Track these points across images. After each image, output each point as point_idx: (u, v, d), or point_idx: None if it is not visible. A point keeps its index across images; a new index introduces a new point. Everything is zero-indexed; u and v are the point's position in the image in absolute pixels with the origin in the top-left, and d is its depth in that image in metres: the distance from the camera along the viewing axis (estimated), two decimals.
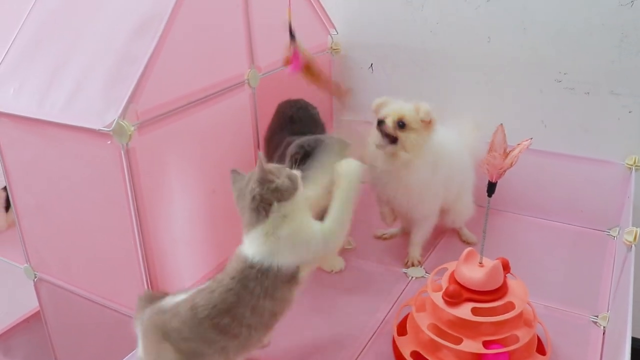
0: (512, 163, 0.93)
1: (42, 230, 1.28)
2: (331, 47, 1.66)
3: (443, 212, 1.36)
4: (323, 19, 1.59)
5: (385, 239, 1.45)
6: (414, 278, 1.29)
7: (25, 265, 1.34)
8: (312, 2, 1.53)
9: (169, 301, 0.95)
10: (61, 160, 1.14)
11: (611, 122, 1.39)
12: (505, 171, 0.94)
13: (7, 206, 1.58)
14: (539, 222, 1.49)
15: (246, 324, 0.89)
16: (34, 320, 1.81)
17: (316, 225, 0.93)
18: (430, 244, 1.40)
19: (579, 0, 1.33)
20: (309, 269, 0.95)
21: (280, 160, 1.24)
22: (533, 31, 1.40)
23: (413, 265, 1.32)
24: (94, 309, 1.24)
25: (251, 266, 0.90)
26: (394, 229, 1.45)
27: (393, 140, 1.20)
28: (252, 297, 0.89)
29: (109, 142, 1.01)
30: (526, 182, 1.48)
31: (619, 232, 1.39)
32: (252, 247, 0.91)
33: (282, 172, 0.92)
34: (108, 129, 0.99)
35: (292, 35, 1.21)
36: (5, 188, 1.56)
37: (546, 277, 1.26)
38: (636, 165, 1.37)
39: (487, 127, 1.10)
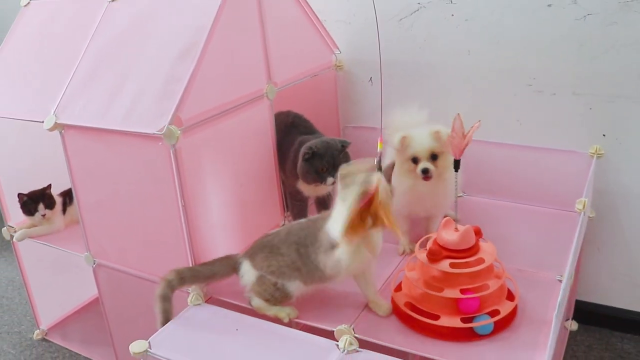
0: (468, 142, 1.18)
1: (101, 223, 1.54)
2: (335, 65, 1.92)
3: None
4: (328, 41, 1.86)
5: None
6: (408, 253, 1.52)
7: (86, 253, 1.60)
8: (318, 26, 1.80)
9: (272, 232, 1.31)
10: (120, 161, 1.40)
11: (575, 118, 1.63)
12: (464, 149, 1.19)
13: (64, 209, 1.86)
14: (516, 205, 1.70)
15: (310, 262, 1.22)
16: (85, 311, 2.08)
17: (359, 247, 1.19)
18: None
19: (543, 17, 1.59)
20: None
21: (295, 157, 1.51)
22: (505, 44, 1.66)
23: None
24: (146, 286, 1.49)
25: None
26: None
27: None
28: (318, 248, 1.21)
29: (160, 143, 1.27)
30: (504, 171, 1.71)
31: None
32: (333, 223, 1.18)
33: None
34: (160, 133, 1.25)
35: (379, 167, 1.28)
36: (61, 193, 1.85)
37: (520, 247, 1.47)
38: (597, 154, 1.61)
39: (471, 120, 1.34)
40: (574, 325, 1.79)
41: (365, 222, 1.13)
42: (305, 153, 1.45)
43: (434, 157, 1.40)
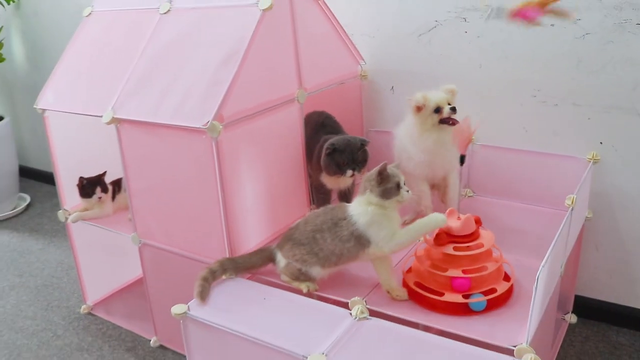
0: (471, 135, 1.37)
1: (148, 207, 1.75)
2: (360, 74, 2.11)
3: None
4: (354, 52, 2.05)
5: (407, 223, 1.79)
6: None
7: (133, 234, 1.82)
8: (345, 39, 1.99)
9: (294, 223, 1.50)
10: (167, 152, 1.61)
11: (575, 127, 1.79)
12: (469, 143, 1.38)
13: (113, 196, 2.07)
14: (519, 205, 1.85)
15: (326, 247, 1.40)
16: (126, 290, 2.29)
17: (397, 227, 1.39)
18: None
19: (546, 35, 1.76)
20: (373, 252, 1.40)
21: (320, 153, 1.71)
22: (513, 59, 1.83)
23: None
24: (185, 263, 1.70)
25: (345, 217, 1.39)
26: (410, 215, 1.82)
27: (455, 121, 1.58)
28: (334, 234, 1.39)
29: (204, 136, 1.48)
30: (510, 174, 1.87)
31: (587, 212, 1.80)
32: (354, 208, 1.39)
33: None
34: (205, 127, 1.46)
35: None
36: (111, 182, 2.06)
37: (521, 241, 1.62)
38: (594, 159, 1.76)
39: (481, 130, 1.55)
40: (573, 319, 1.94)
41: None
42: (327, 148, 1.65)
43: (452, 109, 1.61)
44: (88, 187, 1.97)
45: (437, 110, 1.61)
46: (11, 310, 2.23)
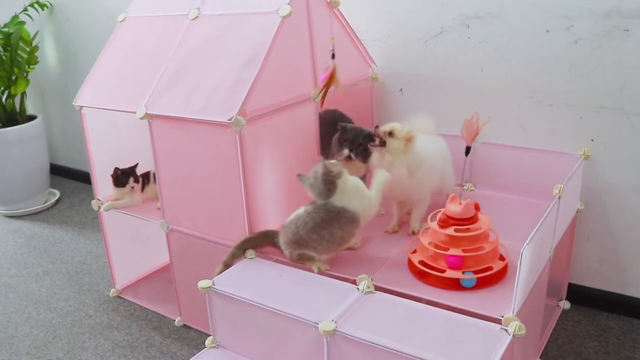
0: (478, 132, 1.53)
1: (176, 195, 1.93)
2: (372, 77, 2.28)
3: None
4: (365, 56, 2.22)
5: (389, 232, 1.88)
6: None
7: (162, 220, 1.99)
8: (358, 44, 2.15)
9: (288, 220, 1.65)
10: (195, 144, 1.78)
11: (568, 125, 1.94)
12: (475, 136, 1.54)
13: (142, 188, 2.25)
14: (516, 198, 2.00)
15: (325, 240, 1.56)
16: (153, 276, 2.47)
17: (366, 190, 1.59)
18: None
19: (542, 41, 1.91)
20: (364, 219, 1.59)
21: (332, 145, 1.87)
22: (512, 63, 1.99)
23: (414, 233, 1.81)
24: (209, 246, 1.87)
25: (331, 210, 1.57)
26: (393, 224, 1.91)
27: (383, 143, 1.72)
28: (331, 225, 1.56)
29: (229, 130, 1.65)
30: (509, 169, 2.02)
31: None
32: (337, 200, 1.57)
33: (333, 165, 1.56)
34: (229, 121, 1.63)
35: (333, 56, 1.82)
36: (140, 175, 2.24)
37: (518, 229, 1.74)
38: (586, 155, 1.91)
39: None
40: (566, 305, 2.08)
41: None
42: (340, 126, 1.83)
43: (390, 134, 1.71)
44: (122, 177, 2.15)
45: (376, 127, 1.77)
46: (46, 293, 2.41)
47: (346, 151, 1.82)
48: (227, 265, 1.66)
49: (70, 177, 3.76)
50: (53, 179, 3.60)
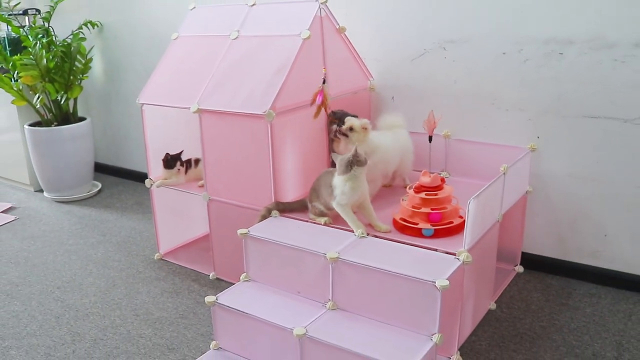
0: (435, 124, 2.11)
1: (217, 172, 2.49)
2: (370, 87, 2.86)
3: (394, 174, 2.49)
4: (365, 71, 2.80)
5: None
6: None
7: (204, 193, 2.56)
8: (359, 61, 2.74)
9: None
10: (235, 132, 2.36)
11: (520, 126, 2.51)
12: (434, 128, 2.12)
13: (186, 171, 2.82)
14: (481, 182, 2.52)
15: (322, 196, 2.12)
16: (190, 245, 3.03)
17: (366, 195, 2.14)
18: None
19: (500, 61, 2.49)
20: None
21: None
22: (478, 77, 2.56)
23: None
24: (242, 211, 2.43)
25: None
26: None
27: (346, 136, 2.32)
28: (326, 189, 2.11)
29: (262, 120, 2.23)
30: (476, 160, 2.60)
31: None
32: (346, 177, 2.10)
33: (362, 155, 2.10)
34: (263, 113, 2.21)
35: (324, 81, 2.36)
36: (185, 161, 2.82)
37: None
38: (532, 149, 2.49)
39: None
40: (520, 269, 2.64)
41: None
42: (331, 112, 2.42)
43: (351, 129, 2.31)
44: (171, 160, 2.72)
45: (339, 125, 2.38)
46: (102, 256, 2.97)
47: (335, 127, 2.40)
48: (264, 217, 2.24)
49: (108, 172, 4.34)
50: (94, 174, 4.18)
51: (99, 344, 2.21)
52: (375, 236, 2.08)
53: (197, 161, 2.78)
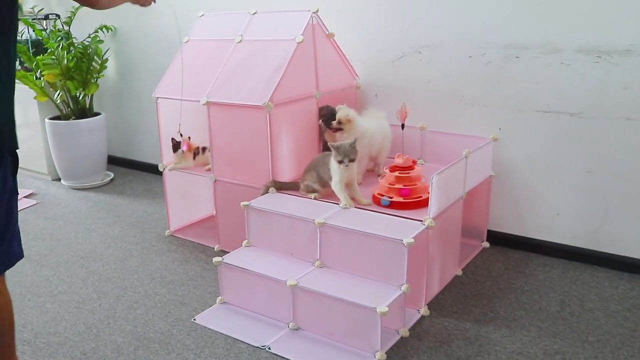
0: (407, 114, 2.52)
1: (223, 156, 2.89)
2: (356, 86, 3.24)
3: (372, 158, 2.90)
4: (351, 71, 3.19)
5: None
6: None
7: (211, 175, 2.96)
8: (347, 63, 3.13)
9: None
10: (239, 121, 2.76)
11: (484, 119, 2.91)
12: (405, 117, 2.52)
13: (194, 157, 3.21)
14: None
15: (320, 175, 2.51)
16: (197, 224, 3.41)
17: (354, 184, 2.55)
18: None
19: (467, 63, 2.89)
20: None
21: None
22: (449, 77, 2.96)
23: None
24: (243, 189, 2.81)
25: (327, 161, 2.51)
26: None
27: (339, 129, 2.72)
28: (323, 167, 2.50)
29: (262, 111, 2.62)
30: (446, 149, 2.99)
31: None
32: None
33: (355, 148, 2.49)
34: (263, 104, 2.61)
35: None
36: (195, 147, 3.21)
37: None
38: (494, 138, 2.89)
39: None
40: (486, 244, 3.03)
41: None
42: (320, 107, 2.81)
43: (339, 122, 2.72)
44: (177, 145, 3.12)
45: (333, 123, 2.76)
46: (119, 233, 3.36)
47: (320, 121, 2.80)
48: (263, 194, 2.63)
49: (119, 164, 4.72)
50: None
51: (121, 299, 2.60)
52: (357, 207, 2.47)
53: (204, 149, 3.16)
